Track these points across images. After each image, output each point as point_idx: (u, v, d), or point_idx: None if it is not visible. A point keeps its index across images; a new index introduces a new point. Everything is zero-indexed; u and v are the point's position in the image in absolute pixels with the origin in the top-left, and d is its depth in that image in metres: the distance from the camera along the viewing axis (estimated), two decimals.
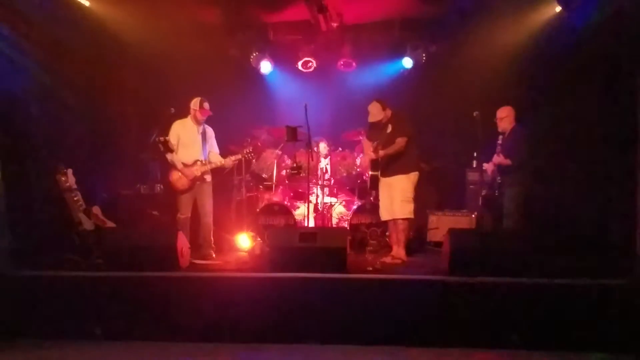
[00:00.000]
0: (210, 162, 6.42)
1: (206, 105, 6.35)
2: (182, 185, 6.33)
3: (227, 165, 6.58)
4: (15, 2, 5.41)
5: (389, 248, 6.44)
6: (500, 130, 6.34)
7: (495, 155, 6.28)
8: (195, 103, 6.36)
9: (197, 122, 6.42)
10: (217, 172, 6.79)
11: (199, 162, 6.35)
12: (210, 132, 6.55)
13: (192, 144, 6.39)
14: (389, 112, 6.30)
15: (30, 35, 5.58)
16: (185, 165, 6.33)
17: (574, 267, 5.10)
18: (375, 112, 6.31)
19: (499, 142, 6.30)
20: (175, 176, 6.34)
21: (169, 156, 6.33)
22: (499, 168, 6.26)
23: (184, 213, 6.38)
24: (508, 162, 6.14)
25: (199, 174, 6.34)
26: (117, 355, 4.50)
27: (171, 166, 6.36)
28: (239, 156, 6.58)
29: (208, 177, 6.46)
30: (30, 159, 5.99)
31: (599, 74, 6.15)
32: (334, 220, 7.28)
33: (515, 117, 6.30)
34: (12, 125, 5.39)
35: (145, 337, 4.74)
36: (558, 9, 6.62)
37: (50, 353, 4.57)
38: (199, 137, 6.42)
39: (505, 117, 6.28)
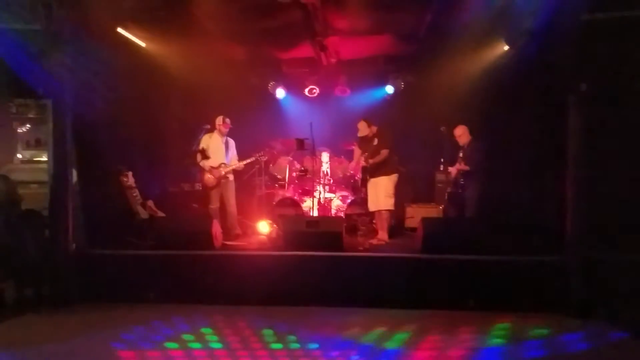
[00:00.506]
0: (230, 165, 6.50)
1: (227, 120, 6.47)
2: (210, 183, 6.42)
3: (241, 167, 6.63)
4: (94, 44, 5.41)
5: (375, 232, 6.44)
6: (460, 144, 6.36)
7: (457, 164, 6.32)
8: (219, 119, 6.47)
9: (221, 134, 6.49)
10: (242, 173, 6.83)
11: (222, 165, 6.43)
12: (231, 142, 6.62)
13: (217, 151, 6.47)
14: (374, 129, 6.30)
15: (101, 69, 5.59)
16: (212, 167, 6.40)
17: (519, 247, 5.10)
18: (363, 129, 6.33)
19: (460, 154, 6.33)
20: (206, 176, 6.43)
21: (202, 162, 6.41)
22: (461, 172, 6.28)
23: (214, 204, 6.45)
24: (467, 168, 6.17)
25: (223, 173, 6.42)
26: (164, 313, 4.54)
27: (203, 169, 6.44)
28: (253, 158, 6.70)
29: (231, 177, 6.54)
30: (100, 164, 6.00)
31: (539, 98, 6.14)
32: (333, 211, 7.24)
33: (470, 132, 6.32)
34: (86, 140, 5.41)
35: (186, 300, 4.79)
36: (506, 47, 6.64)
37: (116, 312, 4.63)
38: (223, 146, 6.50)
39: (461, 134, 6.32)
